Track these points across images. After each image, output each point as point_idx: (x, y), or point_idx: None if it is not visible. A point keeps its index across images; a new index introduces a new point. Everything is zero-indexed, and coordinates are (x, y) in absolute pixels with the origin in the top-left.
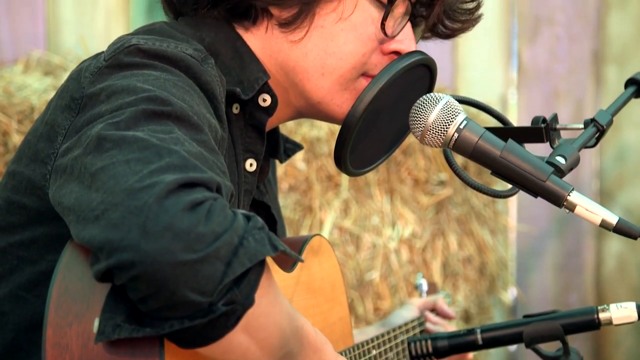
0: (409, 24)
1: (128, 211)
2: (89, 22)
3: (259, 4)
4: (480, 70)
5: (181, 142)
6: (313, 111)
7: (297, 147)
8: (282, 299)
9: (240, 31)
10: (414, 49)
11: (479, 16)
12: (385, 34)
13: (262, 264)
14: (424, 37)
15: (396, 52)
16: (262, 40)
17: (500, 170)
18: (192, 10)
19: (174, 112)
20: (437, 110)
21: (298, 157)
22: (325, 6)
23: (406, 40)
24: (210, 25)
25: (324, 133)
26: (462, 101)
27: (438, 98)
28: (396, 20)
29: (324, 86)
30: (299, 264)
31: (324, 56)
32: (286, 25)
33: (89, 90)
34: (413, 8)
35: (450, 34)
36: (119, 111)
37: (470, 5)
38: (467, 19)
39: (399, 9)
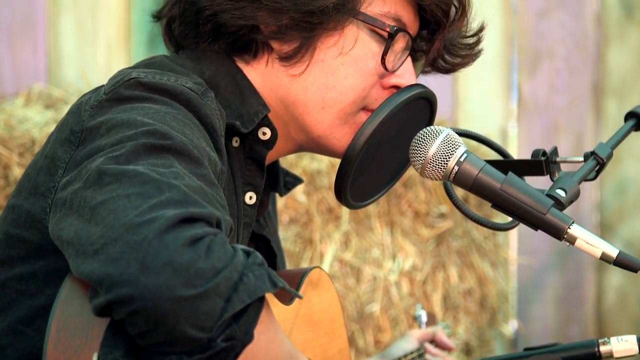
0: (409, 59)
1: (128, 246)
2: (90, 55)
3: (259, 38)
4: (481, 103)
5: (181, 176)
6: (313, 145)
7: (297, 180)
8: (282, 335)
9: (241, 65)
10: (414, 83)
11: (479, 51)
12: (385, 68)
13: (261, 300)
14: (424, 72)
15: (396, 87)
16: (262, 74)
17: (501, 203)
18: (193, 43)
19: (174, 146)
20: (437, 143)
21: (299, 190)
22: (326, 40)
23: (406, 74)
24: (210, 58)
25: (325, 166)
26: (462, 134)
27: (438, 131)
28: (396, 54)
29: (324, 120)
30: None
31: (324, 90)
32: (287, 59)
33: (89, 124)
34: (413, 42)
35: (450, 69)
36: (119, 145)
37: (471, 40)
38: (467, 54)
39: (400, 44)
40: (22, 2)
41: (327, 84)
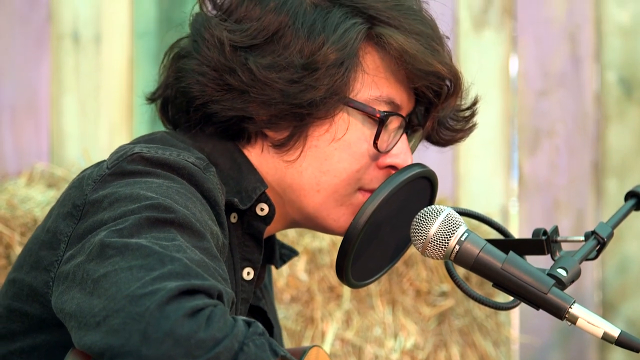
0: (404, 137)
1: (129, 317)
2: (93, 134)
3: (251, 128)
4: (481, 182)
5: (183, 250)
6: (310, 224)
7: (292, 252)
8: None
9: (238, 145)
10: (410, 161)
11: (474, 124)
12: (378, 150)
13: None
14: (420, 144)
15: (392, 167)
16: (258, 158)
17: (502, 282)
18: (186, 127)
19: (177, 220)
20: (438, 222)
21: (300, 268)
22: (318, 128)
23: (402, 154)
24: (208, 136)
25: (326, 244)
26: (463, 213)
27: (439, 211)
28: (390, 135)
29: (319, 202)
30: None
31: (319, 174)
32: (280, 146)
33: (92, 197)
34: (409, 118)
35: (446, 143)
36: (122, 218)
37: (466, 114)
38: (463, 128)
39: (393, 124)
40: (26, 82)
41: (322, 168)
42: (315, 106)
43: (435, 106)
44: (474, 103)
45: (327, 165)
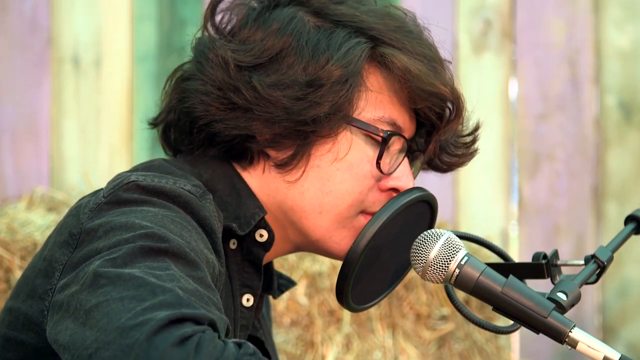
0: (406, 160)
1: (119, 349)
2: (93, 158)
3: (254, 147)
4: (482, 205)
5: (177, 279)
6: (312, 247)
7: (290, 283)
8: None
9: (238, 169)
10: (411, 185)
11: (476, 150)
12: (381, 171)
13: None
14: (421, 169)
15: (394, 189)
16: (259, 180)
17: (502, 306)
18: (188, 149)
19: (171, 249)
20: (437, 246)
21: (300, 292)
22: (321, 147)
23: (403, 177)
24: (208, 162)
25: (326, 268)
26: (463, 237)
27: (439, 234)
28: (392, 157)
29: (322, 224)
30: None
31: (321, 195)
32: (282, 166)
33: (87, 226)
34: (410, 143)
35: (447, 168)
36: (116, 247)
37: (467, 140)
38: (464, 153)
39: (395, 146)
40: (26, 106)
41: (324, 189)
42: (319, 123)
43: (437, 129)
44: (476, 129)
45: (329, 186)
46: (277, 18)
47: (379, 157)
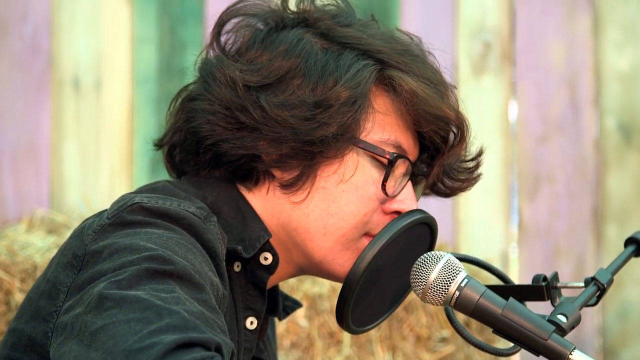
0: (409, 183)
1: None
2: (93, 180)
3: (260, 167)
4: (482, 227)
5: (182, 302)
6: (315, 269)
7: (296, 304)
8: None
9: (243, 191)
10: (415, 208)
11: (479, 175)
12: (386, 194)
13: None
14: (424, 194)
15: (397, 212)
16: (264, 201)
17: (502, 328)
18: (194, 170)
19: (176, 271)
20: (437, 269)
21: (300, 314)
22: (327, 168)
23: (407, 200)
24: (212, 184)
25: (326, 290)
26: (463, 259)
27: (439, 256)
28: (397, 180)
29: (325, 246)
30: None
31: (326, 217)
32: (288, 186)
33: (92, 248)
34: (413, 167)
35: (450, 193)
36: (121, 270)
37: (470, 165)
38: (467, 178)
39: (400, 169)
40: (26, 128)
41: (329, 210)
42: (326, 144)
43: (441, 153)
44: (479, 154)
45: (334, 208)
46: (284, 39)
47: (385, 180)
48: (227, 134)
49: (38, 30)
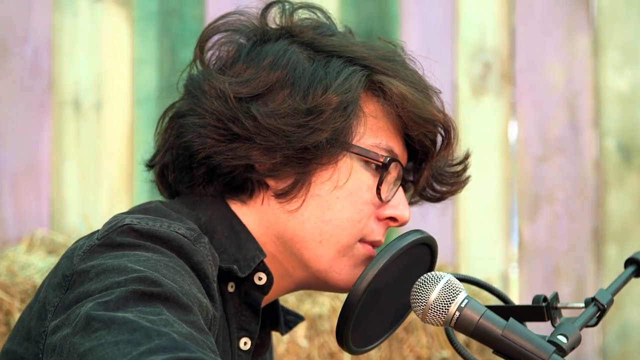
0: (401, 189)
1: None
2: (93, 201)
3: (254, 177)
4: (482, 247)
5: (170, 324)
6: (312, 280)
7: (298, 318)
8: None
9: (237, 206)
10: (407, 213)
11: (467, 178)
12: (380, 199)
13: None
14: (411, 203)
15: (391, 218)
16: (258, 213)
17: (502, 349)
18: (187, 188)
19: (164, 293)
20: (438, 289)
21: (300, 334)
22: (321, 175)
23: (400, 205)
24: (206, 203)
25: (326, 310)
26: (463, 279)
27: (439, 277)
28: (389, 185)
29: (322, 254)
30: None
31: (321, 224)
32: (282, 195)
33: (79, 267)
34: (404, 172)
35: (440, 197)
36: (108, 290)
37: (458, 168)
38: (455, 182)
39: (392, 174)
40: (26, 149)
41: (324, 217)
42: (320, 149)
43: (431, 156)
44: (466, 157)
45: (329, 215)
46: (270, 52)
47: (379, 184)
48: (219, 146)
49: (39, 51)
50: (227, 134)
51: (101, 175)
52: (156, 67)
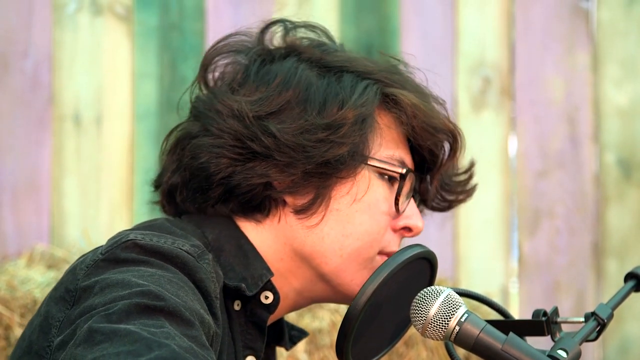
0: (412, 199)
1: None
2: (93, 215)
3: (273, 194)
4: (481, 262)
5: (172, 337)
6: (332, 294)
7: (302, 334)
8: None
9: (249, 225)
10: (421, 224)
11: (474, 187)
12: (397, 210)
13: None
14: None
15: (406, 228)
16: (274, 230)
17: None
18: (197, 208)
19: (166, 307)
20: (437, 303)
21: (300, 349)
22: (340, 189)
23: (414, 215)
24: (213, 222)
25: (326, 324)
26: (463, 294)
27: (438, 291)
28: (404, 196)
29: (343, 268)
30: None
31: (342, 238)
32: (302, 211)
33: (83, 283)
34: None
35: (448, 206)
36: (112, 304)
37: (463, 178)
38: (462, 190)
39: (407, 185)
40: (27, 164)
41: (344, 232)
42: (341, 163)
43: (439, 165)
44: (472, 165)
45: (349, 229)
46: (279, 71)
47: (398, 194)
48: (237, 165)
49: (39, 65)
50: (245, 153)
51: (101, 189)
52: (156, 81)
